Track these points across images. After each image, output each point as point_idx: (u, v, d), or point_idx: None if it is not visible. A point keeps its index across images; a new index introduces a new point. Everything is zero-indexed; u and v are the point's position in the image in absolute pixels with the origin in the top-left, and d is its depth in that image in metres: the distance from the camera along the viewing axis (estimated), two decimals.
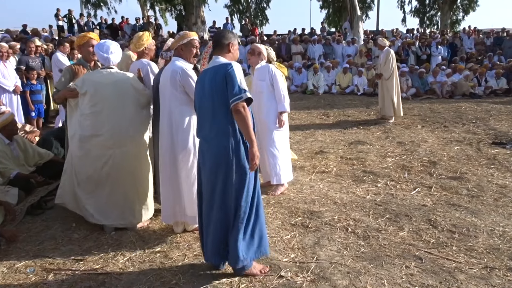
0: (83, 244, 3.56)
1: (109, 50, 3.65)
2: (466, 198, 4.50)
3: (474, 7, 27.35)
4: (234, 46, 2.96)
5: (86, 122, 3.61)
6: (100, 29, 19.00)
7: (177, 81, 3.32)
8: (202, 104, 2.90)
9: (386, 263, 3.17)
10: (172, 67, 3.39)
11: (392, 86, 8.44)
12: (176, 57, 3.47)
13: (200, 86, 2.94)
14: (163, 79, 3.45)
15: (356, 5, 19.36)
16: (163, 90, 3.47)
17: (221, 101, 2.77)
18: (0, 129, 4.62)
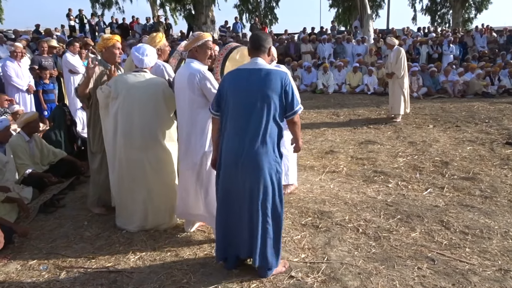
0: (95, 242, 3.60)
1: (145, 52, 3.65)
2: (479, 199, 4.44)
3: (487, 5, 27.04)
4: (272, 51, 3.00)
5: (117, 123, 3.64)
6: (111, 29, 19.15)
7: (195, 84, 3.28)
8: (241, 104, 2.80)
9: (397, 264, 3.15)
10: (189, 69, 3.34)
11: (404, 84, 8.45)
12: (191, 59, 3.44)
13: (238, 85, 2.83)
14: (179, 82, 3.41)
15: (367, 3, 19.20)
16: (180, 93, 3.42)
17: (269, 106, 2.74)
18: (23, 126, 4.70)
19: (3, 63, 7.11)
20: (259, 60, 2.88)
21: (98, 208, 4.14)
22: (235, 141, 2.82)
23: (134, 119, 3.58)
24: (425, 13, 28.49)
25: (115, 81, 3.69)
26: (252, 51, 2.93)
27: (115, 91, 3.63)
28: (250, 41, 3.00)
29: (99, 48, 4.18)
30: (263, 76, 2.78)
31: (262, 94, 2.75)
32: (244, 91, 2.80)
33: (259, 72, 2.80)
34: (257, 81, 2.78)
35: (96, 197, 4.15)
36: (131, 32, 18.25)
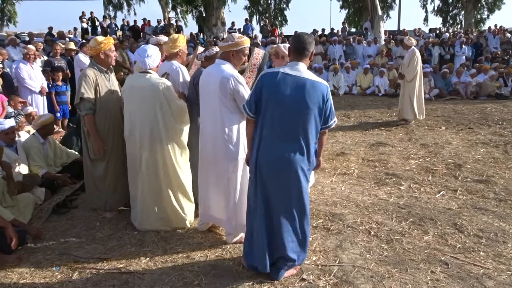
0: (107, 243, 3.62)
1: (146, 53, 3.65)
2: (493, 202, 4.38)
3: (500, 5, 26.73)
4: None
5: (125, 122, 3.80)
6: (123, 31, 19.32)
7: (227, 89, 3.16)
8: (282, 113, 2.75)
9: (410, 267, 3.11)
10: (220, 72, 3.21)
11: (414, 88, 8.13)
12: (222, 61, 3.32)
13: (280, 93, 2.74)
14: (208, 84, 3.29)
15: (377, 4, 19.12)
16: (208, 96, 3.30)
17: (310, 119, 2.74)
18: (39, 128, 4.76)
19: (16, 65, 7.20)
20: (301, 66, 2.78)
21: (108, 212, 4.15)
22: (274, 150, 2.79)
23: (135, 120, 3.67)
24: (437, 14, 28.28)
25: (126, 81, 3.85)
26: (295, 54, 2.81)
27: (122, 91, 3.86)
28: (293, 42, 2.83)
29: (95, 53, 3.94)
30: (308, 88, 2.71)
31: (305, 106, 2.70)
32: (287, 100, 2.72)
33: (303, 82, 2.72)
34: (301, 92, 2.71)
35: (103, 202, 4.13)
36: (142, 34, 18.39)
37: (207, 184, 3.48)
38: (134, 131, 3.68)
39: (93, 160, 4.04)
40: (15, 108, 5.98)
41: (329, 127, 2.86)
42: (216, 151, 3.31)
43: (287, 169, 2.77)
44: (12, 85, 6.94)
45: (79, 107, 3.88)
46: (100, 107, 3.90)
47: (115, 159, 4.05)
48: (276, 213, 2.88)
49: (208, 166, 3.43)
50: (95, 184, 4.08)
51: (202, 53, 3.83)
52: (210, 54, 3.82)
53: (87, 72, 3.87)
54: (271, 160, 2.80)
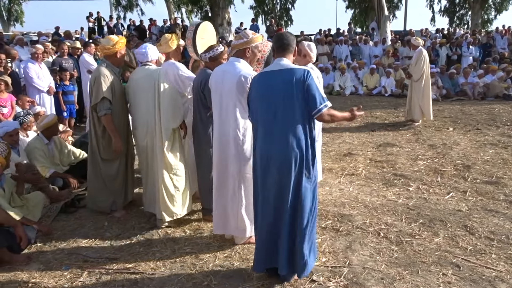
0: (115, 243, 3.62)
1: (147, 47, 3.96)
2: (503, 204, 4.33)
3: (507, 5, 26.55)
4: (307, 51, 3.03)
5: (132, 117, 4.07)
6: (129, 31, 19.38)
7: (245, 88, 3.08)
8: (266, 106, 2.76)
9: (421, 270, 3.08)
10: (238, 70, 3.15)
11: (420, 88, 8.09)
12: (237, 58, 3.25)
13: (261, 88, 2.80)
14: (223, 83, 3.21)
15: (384, 4, 19.04)
16: (222, 95, 3.22)
17: (293, 106, 2.69)
18: (43, 130, 4.77)
19: (24, 65, 7.23)
20: (284, 61, 2.82)
21: (117, 211, 4.16)
22: (265, 144, 2.78)
23: (137, 112, 3.91)
24: (443, 15, 28.12)
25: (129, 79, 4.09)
26: (279, 51, 2.86)
27: (126, 88, 4.05)
28: (275, 40, 2.92)
29: (110, 52, 3.95)
30: (284, 75, 2.73)
31: (285, 94, 2.69)
32: (268, 92, 2.76)
33: (281, 72, 2.76)
34: (280, 81, 2.73)
35: (111, 202, 4.13)
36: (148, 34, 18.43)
37: (221, 190, 3.35)
38: (138, 123, 3.91)
39: (105, 160, 4.02)
40: (23, 108, 6.01)
41: (320, 110, 2.68)
42: (225, 152, 3.25)
43: (278, 164, 2.72)
44: (19, 85, 6.96)
45: (98, 107, 3.84)
46: (115, 107, 3.91)
47: (125, 158, 4.15)
48: (276, 212, 2.81)
49: (219, 169, 3.33)
50: (105, 184, 4.07)
51: (206, 54, 3.72)
52: (214, 54, 3.69)
53: (104, 72, 3.86)
54: (263, 156, 2.78)
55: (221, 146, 3.29)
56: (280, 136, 2.71)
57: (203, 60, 3.80)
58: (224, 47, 3.77)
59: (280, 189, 2.75)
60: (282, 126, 2.71)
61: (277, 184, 2.75)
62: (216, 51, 3.72)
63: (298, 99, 2.68)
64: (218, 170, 3.33)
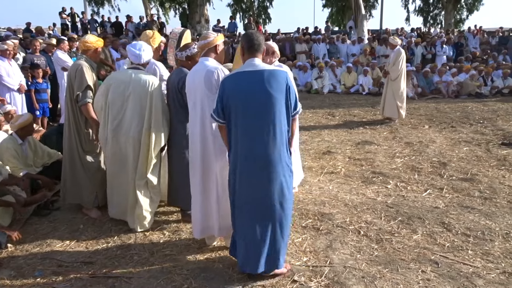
0: (91, 246, 3.51)
1: (142, 48, 3.75)
2: (479, 200, 4.42)
3: (478, 6, 27.27)
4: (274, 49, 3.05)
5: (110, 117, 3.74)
6: (103, 27, 18.96)
7: (212, 82, 3.09)
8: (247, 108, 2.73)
9: (401, 267, 3.10)
10: (205, 67, 3.15)
11: (398, 88, 8.21)
12: (205, 57, 3.25)
13: (240, 90, 2.75)
14: (194, 82, 3.19)
15: (361, 3, 19.23)
16: (195, 94, 3.19)
17: (275, 108, 2.71)
18: (17, 130, 4.59)
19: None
20: (256, 61, 2.80)
21: (94, 212, 4.05)
22: (247, 146, 2.75)
23: (124, 114, 3.68)
24: (418, 14, 28.65)
25: (109, 78, 3.81)
26: (249, 51, 2.83)
27: (105, 86, 3.75)
28: (244, 41, 2.87)
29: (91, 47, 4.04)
30: (266, 77, 2.71)
31: (268, 96, 2.69)
32: (248, 94, 2.72)
33: (261, 74, 2.73)
34: (260, 83, 2.70)
35: (94, 196, 4.06)
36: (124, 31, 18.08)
37: (199, 191, 3.26)
38: (122, 125, 3.69)
39: (87, 152, 4.04)
40: None
41: (297, 113, 2.87)
42: (205, 152, 3.17)
43: (262, 165, 2.73)
44: None
45: (81, 96, 3.86)
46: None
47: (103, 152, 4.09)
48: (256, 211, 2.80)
49: (198, 170, 3.23)
50: (88, 178, 4.03)
51: (183, 52, 3.65)
52: (191, 53, 3.63)
53: (84, 64, 3.91)
54: (246, 157, 2.76)
55: (200, 147, 3.18)
56: (264, 137, 2.71)
57: (179, 59, 3.72)
58: None
59: (267, 187, 2.75)
60: (265, 128, 2.71)
61: (263, 183, 2.75)
62: (193, 50, 3.66)
63: (281, 101, 2.72)
64: (201, 171, 3.21)
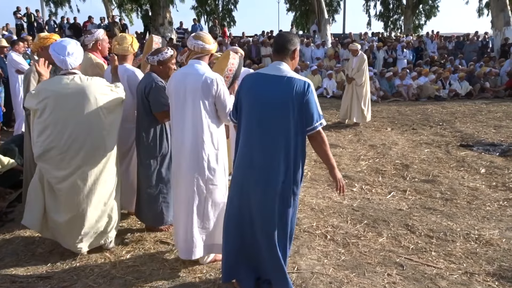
0: (49, 260, 3.32)
1: (65, 51, 3.08)
2: (440, 202, 4.54)
3: (435, 12, 28.35)
4: (298, 53, 2.65)
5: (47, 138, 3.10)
6: (62, 28, 18.31)
7: (211, 90, 2.89)
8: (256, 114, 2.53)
9: (367, 271, 3.12)
10: (201, 72, 2.94)
11: (363, 93, 8.38)
12: (197, 60, 3.03)
13: (255, 93, 2.55)
14: (185, 86, 2.94)
15: (324, 8, 19.56)
16: (185, 100, 2.94)
17: (287, 119, 2.47)
18: None
19: None
20: (283, 66, 2.55)
21: None
22: (248, 157, 2.57)
23: (65, 133, 3.08)
24: (379, 19, 29.42)
25: (38, 90, 3.13)
26: (275, 54, 2.61)
27: (40, 101, 3.08)
28: (274, 41, 2.69)
29: (35, 48, 3.89)
30: (284, 84, 2.48)
31: (281, 105, 2.46)
32: (262, 100, 2.52)
33: (280, 80, 2.50)
34: (277, 89, 2.48)
35: None
36: (83, 32, 17.51)
37: (177, 203, 3.11)
38: (57, 146, 3.09)
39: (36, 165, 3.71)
40: None
41: (314, 129, 2.49)
42: (193, 162, 2.94)
43: (265, 179, 2.51)
44: None
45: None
46: None
47: None
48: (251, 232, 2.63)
49: (178, 180, 3.05)
50: None
51: (154, 57, 3.46)
52: (164, 58, 3.44)
53: (32, 69, 3.68)
54: (245, 168, 2.57)
55: (184, 156, 2.98)
56: (268, 151, 2.51)
57: (150, 63, 3.50)
58: (174, 52, 3.54)
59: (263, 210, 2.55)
60: (272, 139, 2.50)
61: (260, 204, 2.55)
62: (166, 55, 3.45)
63: (294, 111, 2.46)
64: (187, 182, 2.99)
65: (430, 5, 27.96)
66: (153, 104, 3.38)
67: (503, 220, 4.05)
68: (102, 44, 4.05)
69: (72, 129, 3.09)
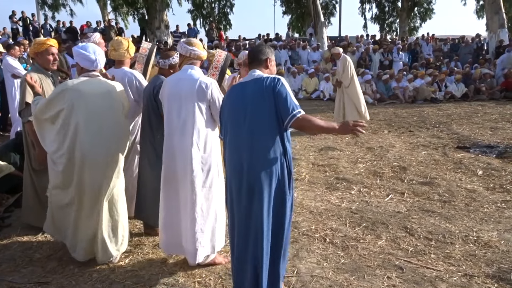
0: (46, 265, 3.30)
1: (96, 51, 3.18)
2: (438, 204, 4.55)
3: (430, 14, 28.56)
4: (272, 62, 2.74)
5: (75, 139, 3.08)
6: (58, 32, 18.27)
7: (207, 94, 2.96)
8: (235, 119, 2.58)
9: (367, 274, 3.12)
10: (195, 77, 3.01)
11: (354, 93, 8.26)
12: (191, 66, 3.10)
13: (238, 101, 2.60)
14: (180, 90, 2.99)
15: (320, 11, 19.64)
16: (179, 104, 2.99)
17: (262, 117, 2.49)
18: None
19: None
20: (256, 72, 2.66)
21: None
22: (234, 161, 2.56)
23: (96, 133, 3.10)
24: (374, 22, 29.58)
25: (62, 90, 3.10)
26: (249, 65, 2.75)
27: (65, 102, 3.05)
28: (247, 54, 2.86)
29: (31, 54, 3.86)
30: (253, 84, 2.58)
31: (253, 103, 2.52)
32: (238, 104, 2.59)
33: (250, 82, 2.61)
34: (249, 91, 2.57)
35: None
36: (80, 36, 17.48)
37: (171, 206, 3.10)
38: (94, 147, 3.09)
39: (36, 171, 3.75)
40: None
41: (294, 116, 2.45)
42: (186, 166, 2.97)
43: (249, 183, 2.48)
44: None
45: (22, 113, 3.57)
46: None
47: None
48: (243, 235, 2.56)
49: (175, 185, 3.05)
50: (38, 198, 3.76)
51: (166, 61, 3.55)
52: (175, 62, 3.54)
53: (28, 76, 3.55)
54: (233, 173, 2.57)
55: (177, 160, 3.00)
56: (250, 152, 2.49)
57: (162, 67, 3.60)
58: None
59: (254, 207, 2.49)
60: (251, 140, 2.49)
61: (251, 202, 2.50)
62: (177, 59, 3.53)
63: (267, 108, 2.48)
64: (171, 187, 3.05)
65: (425, 7, 28.20)
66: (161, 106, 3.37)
67: (501, 221, 4.06)
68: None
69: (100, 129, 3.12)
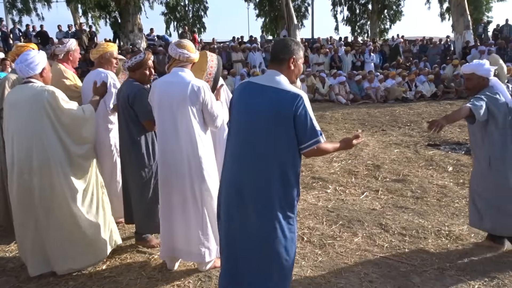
0: (20, 275, 3.21)
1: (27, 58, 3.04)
2: (411, 200, 4.68)
3: (400, 16, 29.26)
4: (298, 61, 2.34)
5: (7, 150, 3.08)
6: (27, 37, 17.80)
7: (199, 97, 2.88)
8: (245, 126, 2.29)
9: (345, 271, 3.18)
10: (187, 79, 2.91)
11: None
12: (181, 68, 2.99)
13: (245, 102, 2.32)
14: (171, 94, 2.90)
15: (293, 13, 19.83)
16: (170, 108, 2.91)
17: (278, 134, 2.20)
18: None
19: None
20: (275, 75, 2.29)
21: None
22: (233, 174, 2.33)
23: (20, 143, 2.98)
24: (346, 24, 30.03)
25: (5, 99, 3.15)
26: (269, 62, 2.41)
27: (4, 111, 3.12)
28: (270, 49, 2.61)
29: (12, 57, 3.79)
30: (274, 95, 2.22)
31: (271, 118, 2.20)
32: (251, 110, 2.28)
33: (271, 90, 2.24)
34: (267, 100, 2.23)
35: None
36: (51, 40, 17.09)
37: (170, 211, 3.06)
38: (19, 157, 2.98)
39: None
40: None
41: (308, 147, 2.21)
42: (183, 170, 2.94)
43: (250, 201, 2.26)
44: None
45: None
46: None
47: None
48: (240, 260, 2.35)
49: (171, 189, 3.02)
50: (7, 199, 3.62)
51: (127, 62, 3.38)
52: (136, 61, 3.33)
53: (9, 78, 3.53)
54: (230, 186, 2.33)
55: (172, 164, 2.97)
56: (254, 166, 2.25)
57: (128, 69, 3.42)
58: (148, 54, 3.42)
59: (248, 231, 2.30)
60: (260, 155, 2.24)
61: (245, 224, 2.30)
62: (140, 58, 3.33)
63: (283, 128, 2.20)
64: (169, 192, 3.02)
65: (395, 10, 28.84)
66: (140, 113, 3.29)
67: None
68: (73, 54, 3.96)
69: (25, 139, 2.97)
